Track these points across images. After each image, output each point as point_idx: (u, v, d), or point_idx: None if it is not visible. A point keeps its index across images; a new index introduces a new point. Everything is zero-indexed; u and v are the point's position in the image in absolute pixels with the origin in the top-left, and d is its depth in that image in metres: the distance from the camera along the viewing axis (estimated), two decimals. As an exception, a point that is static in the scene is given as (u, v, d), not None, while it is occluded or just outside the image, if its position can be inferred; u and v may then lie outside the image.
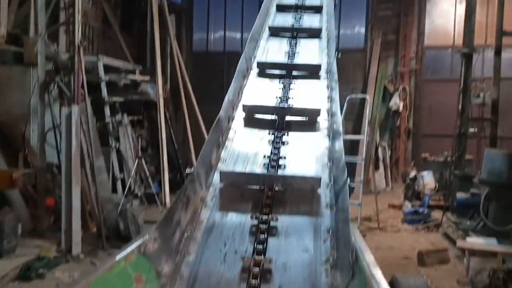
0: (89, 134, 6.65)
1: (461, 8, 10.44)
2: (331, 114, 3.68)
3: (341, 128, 3.32)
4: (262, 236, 2.55)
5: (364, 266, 1.90)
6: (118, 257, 1.99)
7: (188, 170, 2.76)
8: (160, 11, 10.52)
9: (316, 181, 2.96)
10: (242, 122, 3.74)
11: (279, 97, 4.06)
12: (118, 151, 8.82)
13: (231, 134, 3.53)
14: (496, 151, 6.89)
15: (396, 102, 11.39)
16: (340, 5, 11.36)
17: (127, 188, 8.24)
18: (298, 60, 4.71)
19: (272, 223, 2.66)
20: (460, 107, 7.72)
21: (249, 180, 3.06)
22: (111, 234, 6.61)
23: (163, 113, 9.60)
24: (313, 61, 4.67)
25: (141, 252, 2.13)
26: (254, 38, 4.98)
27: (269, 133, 3.58)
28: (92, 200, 6.71)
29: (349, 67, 11.64)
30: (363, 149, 7.99)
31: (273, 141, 3.48)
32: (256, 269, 2.33)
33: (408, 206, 8.57)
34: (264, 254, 2.44)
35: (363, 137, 8.13)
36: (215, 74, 12.79)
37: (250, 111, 3.79)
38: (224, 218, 2.74)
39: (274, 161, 3.24)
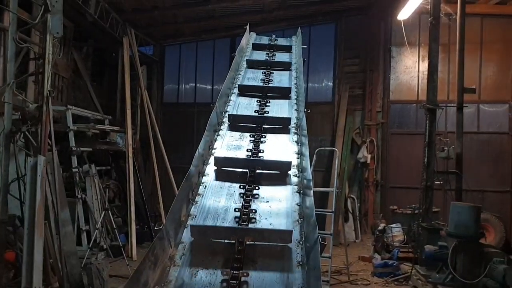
0: (55, 185, 6.46)
1: (424, 66, 11.05)
2: (301, 169, 3.72)
3: (311, 183, 3.34)
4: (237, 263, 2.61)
5: None
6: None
7: (157, 227, 2.71)
8: (131, 62, 10.65)
9: (288, 234, 2.94)
10: (213, 176, 3.73)
11: (250, 150, 4.11)
12: (85, 202, 8.59)
13: (201, 189, 3.50)
14: (462, 204, 7.06)
15: (364, 154, 11.64)
16: (308, 59, 11.79)
17: (92, 241, 7.98)
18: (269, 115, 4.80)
19: (243, 278, 2.64)
20: (425, 160, 7.94)
21: (220, 234, 3.01)
22: (74, 289, 6.31)
23: (132, 163, 9.49)
24: (283, 115, 4.75)
25: None
26: (224, 94, 5.06)
27: (240, 187, 3.59)
28: (55, 254, 6.43)
29: (318, 119, 11.92)
30: (332, 201, 8.05)
31: (244, 194, 3.50)
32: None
33: (377, 258, 8.57)
34: None
35: (332, 190, 8.22)
36: (185, 124, 12.85)
37: (221, 163, 3.81)
38: (193, 278, 2.67)
39: (245, 215, 3.22)
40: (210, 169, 3.78)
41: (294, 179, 3.63)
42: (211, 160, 3.85)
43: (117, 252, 8.49)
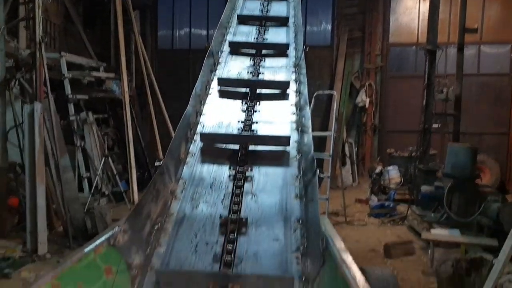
0: (53, 132, 6.47)
1: (425, 6, 10.73)
2: (299, 107, 3.71)
3: (309, 122, 3.35)
4: (239, 183, 2.91)
5: (335, 252, 1.93)
6: (86, 249, 1.95)
7: (157, 163, 2.73)
8: (123, 7, 10.34)
9: (285, 139, 3.28)
10: (211, 115, 3.75)
11: (251, 72, 4.27)
12: (84, 150, 8.64)
13: (199, 128, 3.51)
14: (459, 145, 7.12)
15: (362, 98, 11.59)
16: (306, 2, 11.47)
17: (93, 187, 8.09)
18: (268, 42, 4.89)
19: (247, 173, 3.02)
20: (424, 102, 7.92)
21: (226, 140, 3.37)
22: (78, 233, 6.47)
23: (129, 111, 9.43)
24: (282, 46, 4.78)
25: (110, 244, 2.09)
26: (223, 26, 5.00)
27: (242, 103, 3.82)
28: (57, 199, 6.54)
29: (316, 63, 11.75)
30: (330, 145, 8.10)
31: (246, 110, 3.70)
32: (234, 216, 2.61)
33: (374, 200, 8.75)
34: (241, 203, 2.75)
35: (330, 133, 8.24)
36: (181, 71, 12.66)
37: (223, 84, 4.02)
38: (194, 210, 2.73)
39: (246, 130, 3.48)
40: (208, 108, 3.78)
41: (293, 117, 3.63)
42: (209, 99, 3.85)
43: (119, 198, 8.64)
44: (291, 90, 4.00)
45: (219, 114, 3.72)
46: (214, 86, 4.06)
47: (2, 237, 6.31)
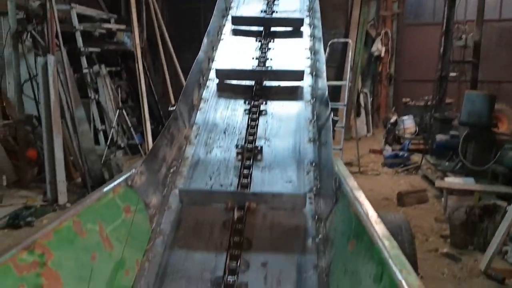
0: (67, 84, 6.50)
1: None
2: (314, 51, 3.66)
3: (324, 67, 3.30)
4: (254, 116, 3.02)
5: (348, 191, 1.95)
6: (105, 189, 2.00)
7: (170, 108, 2.74)
8: (133, -44, 10.06)
9: (300, 73, 3.31)
10: (224, 57, 3.75)
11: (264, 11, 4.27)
12: (98, 103, 8.69)
13: (212, 74, 3.49)
14: (476, 92, 6.98)
15: (378, 47, 11.33)
16: None
17: (109, 139, 8.19)
18: None
19: (262, 107, 3.13)
20: (441, 49, 7.71)
21: (241, 76, 3.42)
22: (96, 184, 6.61)
23: (141, 63, 9.38)
24: None
25: (128, 184, 2.14)
26: None
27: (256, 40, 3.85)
28: (75, 151, 6.66)
29: (331, 11, 11.43)
30: (345, 95, 8.01)
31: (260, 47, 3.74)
32: (250, 146, 2.73)
33: (388, 150, 8.73)
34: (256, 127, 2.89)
35: (345, 83, 8.14)
36: (192, 22, 12.43)
37: (237, 22, 4.03)
38: (208, 155, 2.76)
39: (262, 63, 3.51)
40: (220, 52, 3.75)
41: (307, 62, 3.58)
42: (221, 44, 3.81)
43: (134, 150, 8.75)
44: (305, 34, 3.92)
45: (233, 55, 3.75)
46: (226, 32, 4.00)
47: (23, 187, 6.50)
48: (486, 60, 8.93)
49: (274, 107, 3.16)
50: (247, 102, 3.21)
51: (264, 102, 3.19)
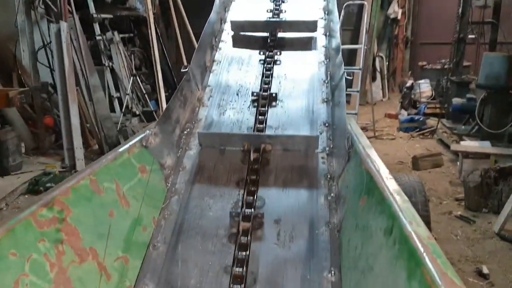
0: (81, 51, 6.51)
1: None
2: (327, 11, 3.60)
3: (338, 26, 3.26)
4: (268, 66, 3.09)
5: (360, 149, 1.95)
6: (120, 149, 2.03)
7: (183, 69, 2.74)
8: None
9: (312, 23, 3.38)
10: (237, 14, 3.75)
11: None
12: (112, 70, 8.70)
13: (224, 36, 3.46)
14: (495, 54, 6.83)
15: (394, 9, 11.04)
16: None
17: (124, 106, 8.24)
18: None
19: (276, 57, 3.20)
20: (460, 10, 7.49)
21: (256, 27, 3.48)
22: (113, 150, 6.71)
23: (154, 29, 9.32)
24: None
25: (143, 145, 2.17)
26: None
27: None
28: (91, 118, 6.74)
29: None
30: (360, 59, 7.89)
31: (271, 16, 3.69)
32: (265, 94, 2.83)
33: (404, 114, 8.64)
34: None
35: (360, 46, 8.00)
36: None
37: None
38: (221, 116, 2.77)
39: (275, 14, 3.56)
40: (231, 16, 3.71)
41: (321, 22, 3.53)
42: (233, 5, 3.77)
43: (149, 117, 8.80)
44: None
45: (247, 10, 3.79)
46: None
47: (41, 154, 6.63)
48: (506, 20, 8.65)
49: (288, 58, 3.21)
50: (261, 53, 3.26)
51: (278, 53, 3.25)
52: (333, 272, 1.77)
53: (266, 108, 2.73)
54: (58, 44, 6.18)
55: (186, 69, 2.74)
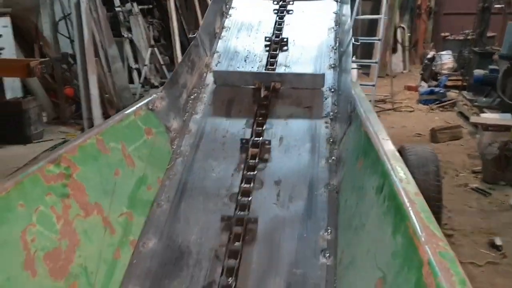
0: (100, 22, 6.57)
1: None
2: None
3: None
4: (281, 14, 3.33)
5: (361, 112, 1.96)
6: (127, 111, 2.09)
7: (191, 35, 2.76)
8: None
9: None
10: None
11: None
12: (131, 42, 8.76)
13: (235, 2, 3.45)
14: (520, 23, 6.59)
15: (418, -22, 10.74)
16: None
17: (142, 77, 8.32)
18: None
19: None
20: (485, -22, 7.25)
21: None
22: (131, 120, 6.82)
23: (172, 1, 9.29)
24: None
25: (149, 108, 2.23)
26: None
27: None
28: (109, 89, 6.85)
29: None
30: (380, 29, 7.73)
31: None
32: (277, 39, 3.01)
33: (424, 86, 8.48)
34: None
35: (380, 16, 7.81)
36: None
37: None
38: None
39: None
40: None
41: None
42: None
43: (168, 88, 8.86)
44: None
45: None
46: None
47: (62, 124, 6.80)
48: (535, -11, 8.31)
49: (301, 8, 3.38)
50: (275, 2, 3.45)
51: (291, 2, 3.43)
52: (329, 230, 1.82)
53: (277, 51, 2.93)
54: (78, 16, 6.24)
55: (194, 35, 2.76)
